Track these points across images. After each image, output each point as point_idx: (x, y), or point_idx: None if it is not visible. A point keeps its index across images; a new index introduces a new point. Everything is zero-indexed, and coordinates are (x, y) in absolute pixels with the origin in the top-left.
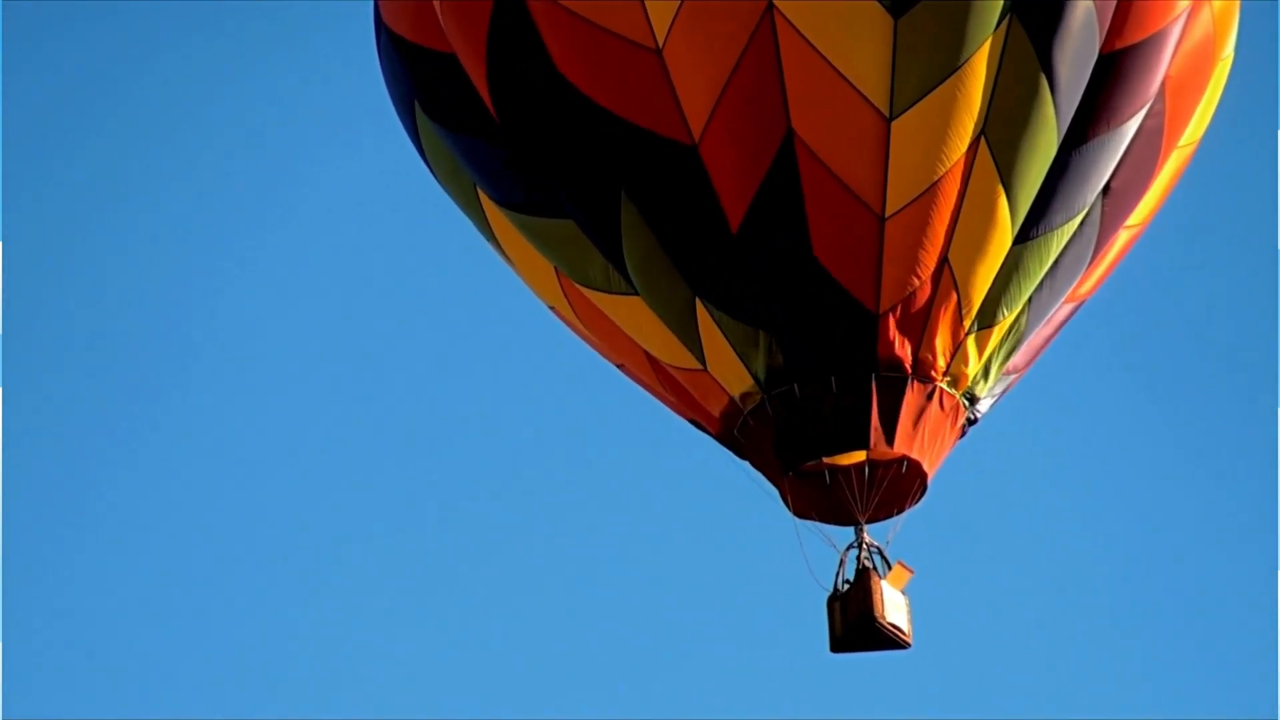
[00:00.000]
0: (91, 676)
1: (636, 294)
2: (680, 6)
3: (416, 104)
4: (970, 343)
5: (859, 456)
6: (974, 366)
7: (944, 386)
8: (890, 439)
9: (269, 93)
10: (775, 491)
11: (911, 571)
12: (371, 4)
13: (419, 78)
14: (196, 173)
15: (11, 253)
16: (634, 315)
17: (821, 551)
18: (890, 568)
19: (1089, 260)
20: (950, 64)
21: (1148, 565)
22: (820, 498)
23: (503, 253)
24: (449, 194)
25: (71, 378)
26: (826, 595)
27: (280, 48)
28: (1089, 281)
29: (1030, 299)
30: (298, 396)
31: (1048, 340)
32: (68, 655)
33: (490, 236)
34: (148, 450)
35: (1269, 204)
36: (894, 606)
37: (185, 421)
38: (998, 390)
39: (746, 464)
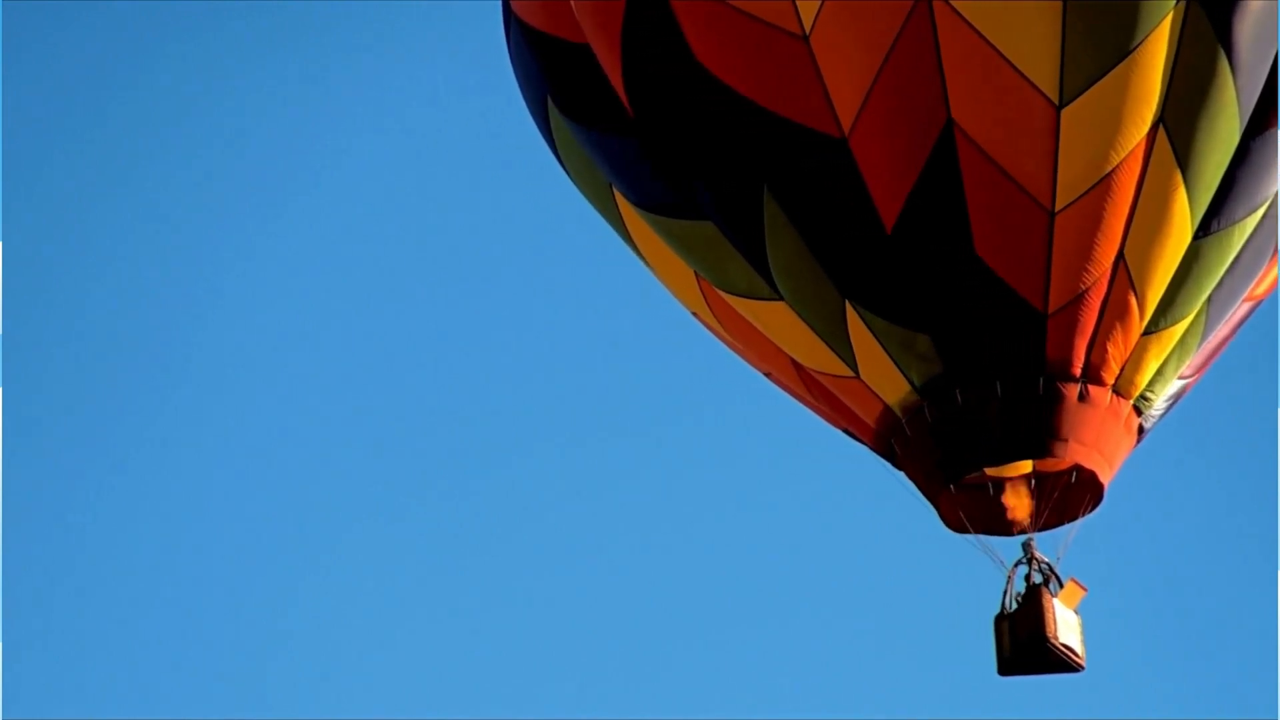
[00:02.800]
0: (91, 676)
1: (781, 299)
2: None
3: (549, 99)
4: (1145, 345)
5: (1025, 467)
6: (1149, 370)
7: (1117, 391)
8: (1061, 448)
9: (397, 93)
10: (933, 503)
11: (1085, 589)
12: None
13: (551, 71)
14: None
15: (23, 252)
16: (779, 321)
17: (987, 567)
18: (1062, 585)
19: (1269, 256)
20: (1124, 46)
21: (1146, 565)
22: (984, 510)
23: (641, 256)
24: (584, 195)
25: (94, 377)
26: (994, 614)
27: (411, 47)
28: (1268, 279)
29: (1209, 298)
30: (404, 400)
31: (1224, 342)
32: (68, 655)
33: (627, 239)
34: (161, 449)
35: None
36: (1066, 626)
37: (225, 423)
38: (1172, 395)
39: (903, 475)
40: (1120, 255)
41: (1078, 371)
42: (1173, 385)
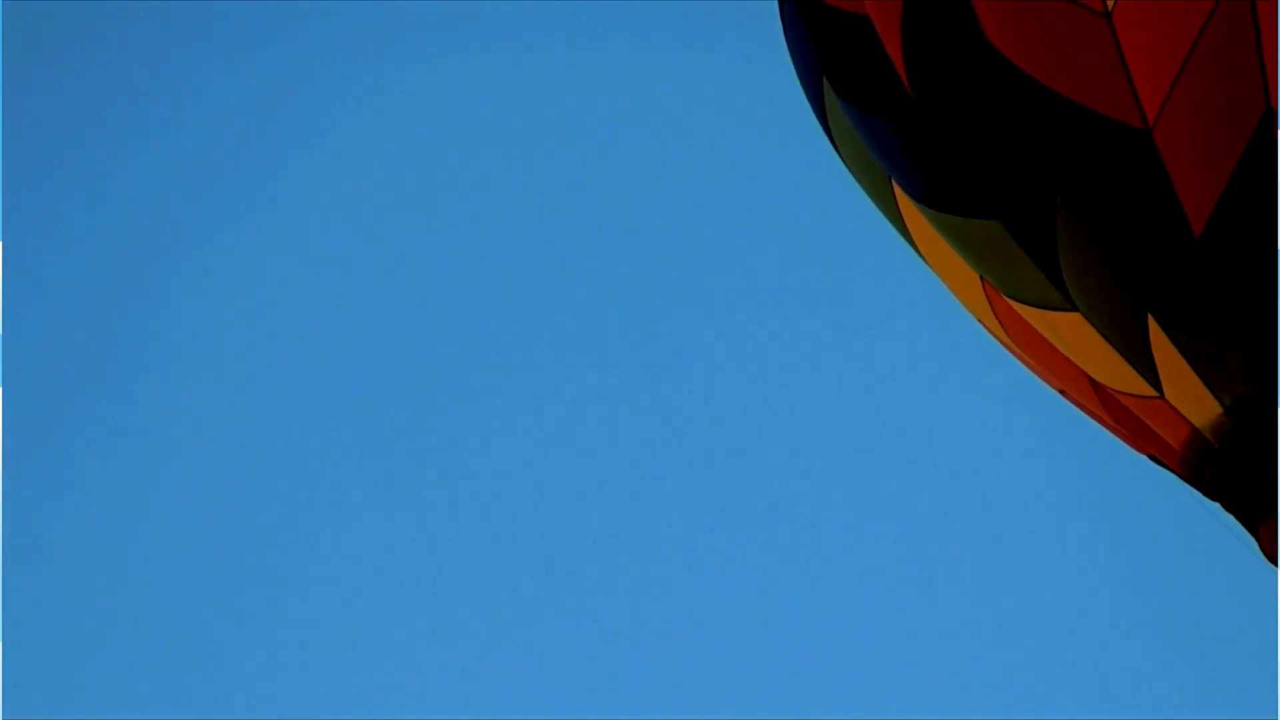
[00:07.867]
0: (91, 676)
1: (1076, 309)
2: None
3: (825, 80)
4: None
5: None
6: None
7: None
8: None
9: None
10: (1250, 537)
11: None
12: None
13: (826, 45)
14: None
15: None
16: (1073, 334)
17: None
18: None
19: None
20: None
21: (1147, 564)
22: None
23: (922, 257)
24: (862, 188)
25: (93, 376)
26: None
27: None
28: None
29: None
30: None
31: None
32: (68, 655)
33: (908, 237)
34: (161, 448)
35: None
36: None
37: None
38: None
39: (1217, 506)
40: None
41: None
42: None
